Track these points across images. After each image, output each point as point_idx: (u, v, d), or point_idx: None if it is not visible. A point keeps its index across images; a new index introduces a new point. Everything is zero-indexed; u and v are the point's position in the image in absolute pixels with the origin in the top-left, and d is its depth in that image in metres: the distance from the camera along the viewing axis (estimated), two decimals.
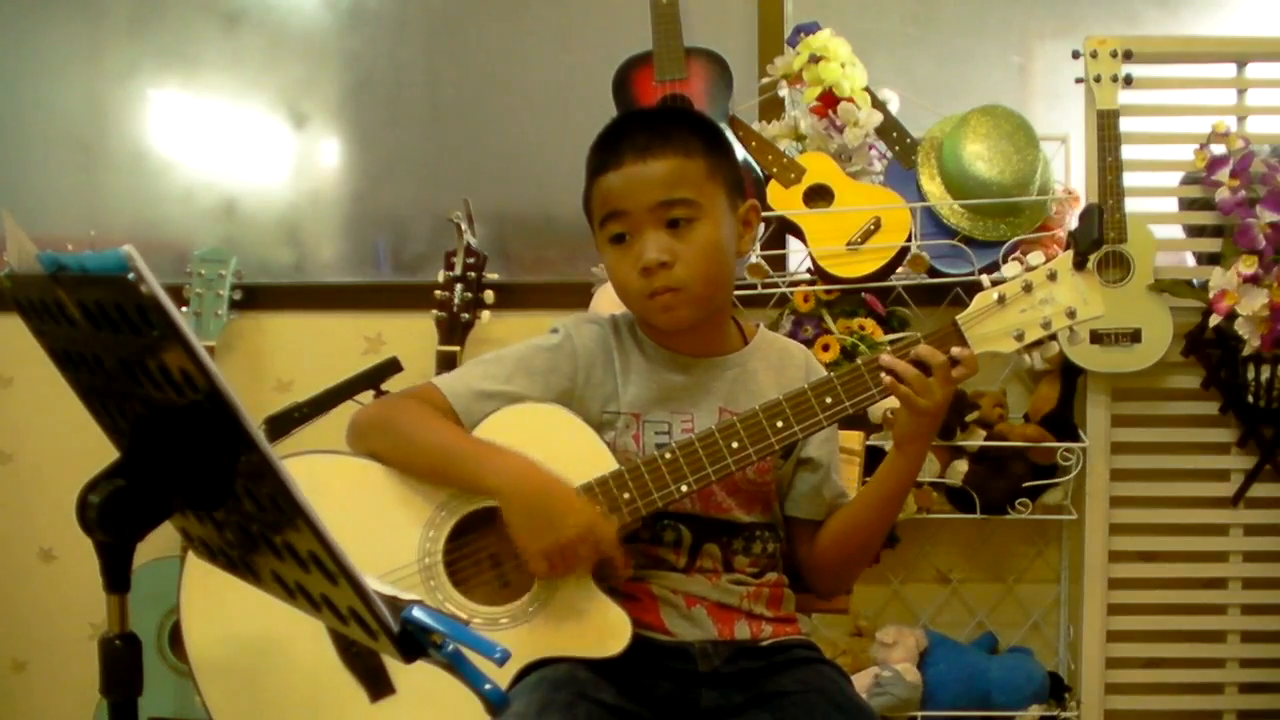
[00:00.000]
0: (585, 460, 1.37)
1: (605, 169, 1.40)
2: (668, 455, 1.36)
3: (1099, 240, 1.35)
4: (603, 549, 1.31)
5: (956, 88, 2.54)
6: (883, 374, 1.34)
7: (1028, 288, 1.36)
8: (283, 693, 1.38)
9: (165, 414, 0.85)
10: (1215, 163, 2.26)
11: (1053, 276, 1.36)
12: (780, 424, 1.36)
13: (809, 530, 1.51)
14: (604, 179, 1.40)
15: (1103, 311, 1.36)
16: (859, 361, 1.37)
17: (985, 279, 1.41)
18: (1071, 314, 1.36)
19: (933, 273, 2.25)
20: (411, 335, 2.43)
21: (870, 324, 2.25)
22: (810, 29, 2.33)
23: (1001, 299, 1.36)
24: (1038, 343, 1.38)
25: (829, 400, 1.36)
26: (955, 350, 1.34)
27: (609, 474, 1.36)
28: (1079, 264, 1.35)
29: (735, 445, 1.35)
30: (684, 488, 1.35)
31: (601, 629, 1.34)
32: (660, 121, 1.44)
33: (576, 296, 2.34)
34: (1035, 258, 1.38)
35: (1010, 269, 1.38)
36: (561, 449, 1.38)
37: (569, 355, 1.45)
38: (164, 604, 2.21)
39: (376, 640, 0.88)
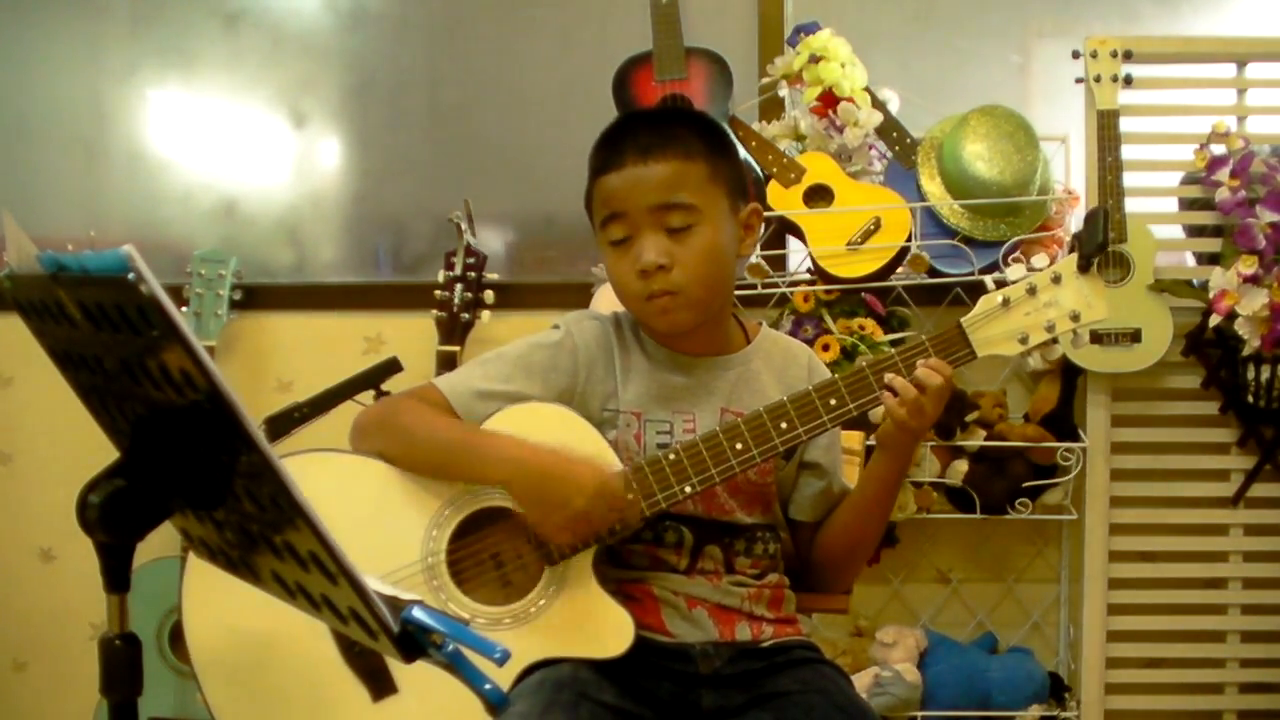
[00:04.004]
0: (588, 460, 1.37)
1: (607, 169, 1.39)
2: (671, 455, 1.35)
3: (1104, 244, 1.35)
4: (615, 506, 1.31)
5: (956, 88, 2.54)
6: (886, 376, 1.35)
7: (1032, 291, 1.36)
8: (285, 692, 1.38)
9: (165, 414, 0.85)
10: (1215, 163, 2.26)
11: (1057, 280, 1.36)
12: (785, 425, 1.35)
13: (811, 530, 1.52)
14: (605, 179, 1.40)
15: (1107, 315, 1.36)
16: (863, 364, 1.37)
17: (987, 279, 1.41)
18: (1076, 317, 1.36)
19: (933, 273, 2.25)
20: (411, 335, 2.43)
21: (870, 324, 2.25)
22: (810, 29, 2.33)
23: (1006, 302, 1.36)
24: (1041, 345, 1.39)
25: (833, 402, 1.36)
26: (922, 365, 1.34)
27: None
28: (1083, 267, 1.35)
29: (739, 446, 1.35)
30: (688, 488, 1.35)
31: (604, 629, 1.34)
32: (663, 122, 1.43)
33: (576, 296, 2.34)
34: (1039, 260, 1.38)
35: (1014, 272, 1.38)
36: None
37: (569, 352, 1.45)
38: (164, 604, 2.21)
39: (376, 640, 0.88)
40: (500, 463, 1.34)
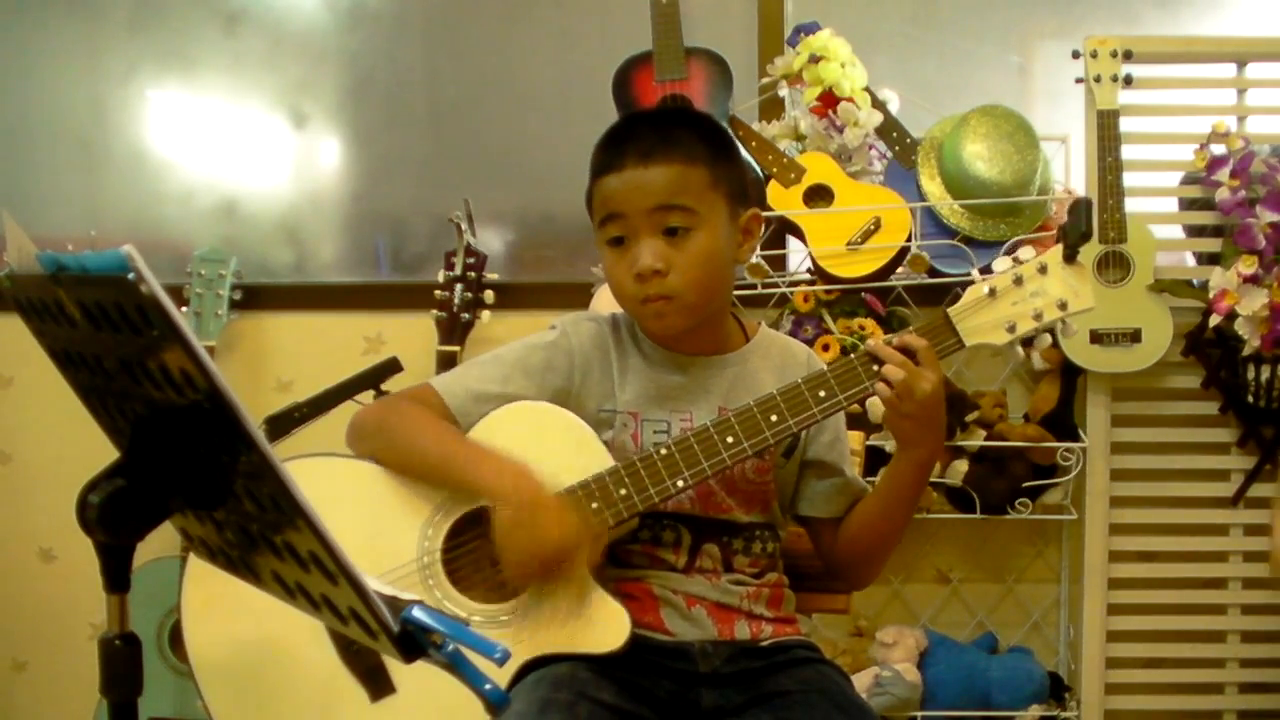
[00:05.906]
0: (581, 457, 1.37)
1: (607, 170, 1.39)
2: (663, 451, 1.35)
3: (1088, 233, 1.35)
4: (575, 571, 1.30)
5: (956, 88, 2.54)
6: (875, 365, 1.34)
7: (1018, 281, 1.37)
8: (283, 692, 1.38)
9: (165, 414, 0.85)
10: (1215, 163, 2.26)
11: (1043, 270, 1.37)
12: (775, 418, 1.35)
13: (830, 527, 1.50)
14: (605, 180, 1.39)
15: (1094, 304, 1.37)
16: (852, 355, 1.37)
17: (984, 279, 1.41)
18: (1063, 306, 1.36)
19: (933, 273, 2.25)
20: (411, 335, 2.43)
21: (870, 324, 2.25)
22: (810, 29, 2.33)
23: (992, 292, 1.37)
24: (1031, 338, 1.39)
25: (822, 394, 1.36)
26: (896, 340, 1.34)
27: (605, 471, 1.35)
28: (1069, 257, 1.36)
29: (730, 440, 1.35)
30: (680, 483, 1.35)
31: (601, 625, 1.33)
32: (666, 125, 1.43)
33: (576, 296, 2.34)
34: (1026, 252, 1.39)
35: (1001, 263, 1.39)
36: (557, 446, 1.38)
37: (565, 353, 1.45)
38: (164, 604, 2.21)
39: (376, 640, 0.88)
40: (493, 478, 1.31)
